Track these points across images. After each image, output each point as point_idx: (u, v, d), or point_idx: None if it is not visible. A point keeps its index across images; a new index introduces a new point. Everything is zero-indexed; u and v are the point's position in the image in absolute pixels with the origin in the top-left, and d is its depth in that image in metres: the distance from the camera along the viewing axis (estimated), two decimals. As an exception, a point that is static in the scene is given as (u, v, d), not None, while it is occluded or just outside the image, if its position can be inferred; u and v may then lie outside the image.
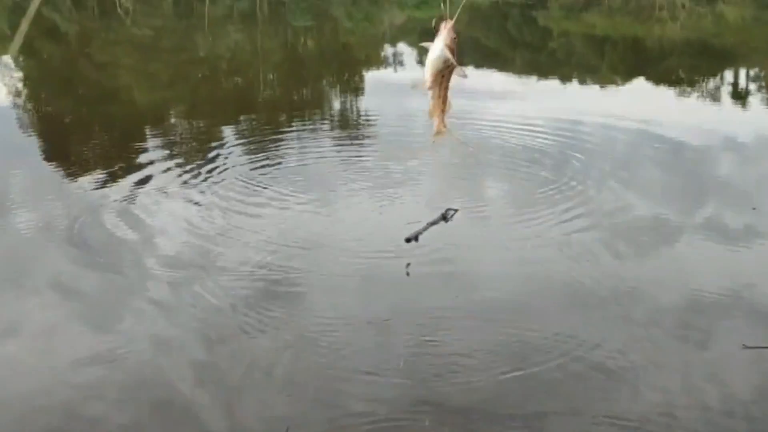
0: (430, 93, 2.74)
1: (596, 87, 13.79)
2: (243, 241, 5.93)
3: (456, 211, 6.24)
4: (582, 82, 14.31)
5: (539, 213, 6.64)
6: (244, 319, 4.69)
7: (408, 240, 5.67)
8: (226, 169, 7.82)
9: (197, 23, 23.94)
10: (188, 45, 18.98)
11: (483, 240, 6.21)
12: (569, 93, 13.01)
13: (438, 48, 2.63)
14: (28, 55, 17.45)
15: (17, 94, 12.71)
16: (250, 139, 9.23)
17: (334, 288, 5.21)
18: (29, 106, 11.88)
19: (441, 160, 8.30)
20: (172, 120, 10.71)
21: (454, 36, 2.63)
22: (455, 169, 8.00)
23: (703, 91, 13.41)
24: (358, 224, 6.41)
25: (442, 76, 2.67)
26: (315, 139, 9.42)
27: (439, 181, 7.67)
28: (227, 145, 8.90)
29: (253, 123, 10.27)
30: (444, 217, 6.13)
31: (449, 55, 2.63)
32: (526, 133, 9.29)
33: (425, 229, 5.84)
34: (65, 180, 7.55)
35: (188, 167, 7.89)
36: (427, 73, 2.69)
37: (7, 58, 16.98)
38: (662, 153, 8.59)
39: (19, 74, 15.06)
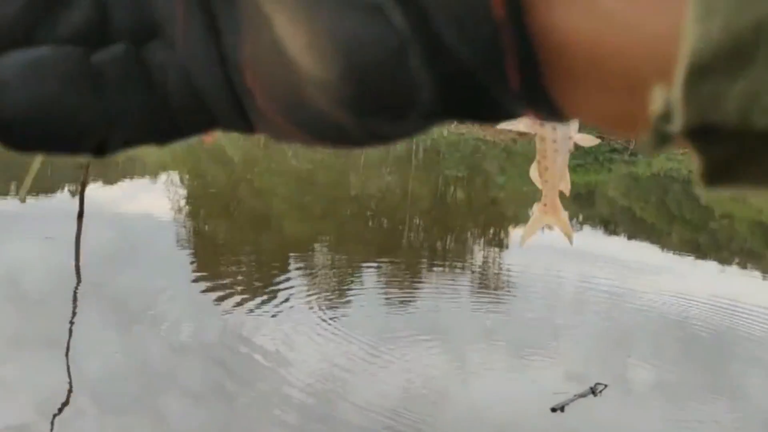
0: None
1: (759, 275, 12.91)
2: (365, 392, 5.67)
3: (606, 386, 5.82)
4: (743, 267, 13.47)
5: (693, 406, 6.08)
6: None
7: (554, 410, 5.33)
8: (360, 309, 7.69)
9: (353, 162, 24.80)
10: (342, 182, 19.59)
11: (632, 424, 5.69)
12: (729, 277, 12.23)
13: None
14: (195, 175, 18.48)
15: (179, 210, 13.31)
16: (389, 281, 9.12)
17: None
18: (188, 222, 12.39)
19: (588, 327, 7.86)
20: (317, 252, 10.82)
21: None
22: (605, 341, 7.53)
23: None
24: (497, 389, 6.02)
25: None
26: (454, 293, 9.19)
27: (585, 350, 7.21)
28: (365, 284, 8.83)
29: (394, 266, 10.19)
30: (593, 391, 5.75)
31: None
32: (682, 312, 8.69)
33: (572, 400, 5.48)
34: (208, 296, 7.67)
35: (324, 301, 7.81)
36: None
37: (174, 176, 18.02)
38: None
39: (184, 192, 15.88)
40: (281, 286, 8.23)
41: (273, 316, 7.13)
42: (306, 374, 5.81)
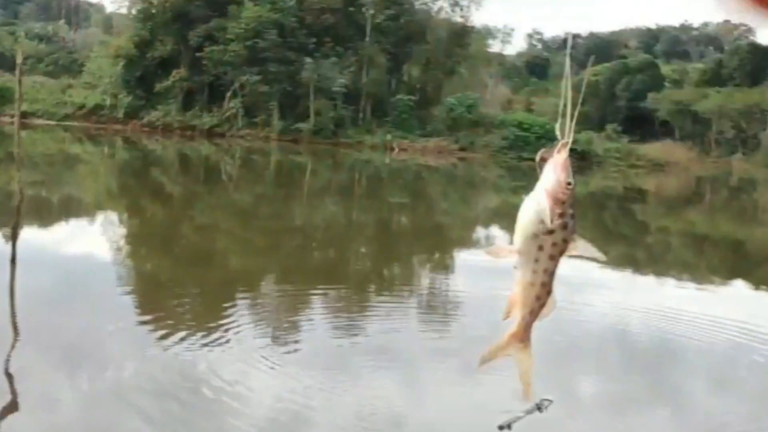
0: (516, 271, 1.63)
1: (693, 286, 13.32)
2: (320, 421, 5.70)
3: (551, 401, 5.90)
4: (678, 279, 13.88)
5: (637, 417, 6.26)
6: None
7: (501, 428, 5.37)
8: (310, 340, 7.71)
9: (296, 193, 24.84)
10: (285, 213, 19.57)
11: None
12: (665, 289, 12.60)
13: (536, 197, 1.58)
14: (133, 213, 18.27)
15: (118, 250, 13.14)
16: (337, 311, 9.16)
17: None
18: (129, 263, 12.22)
19: (533, 344, 8.00)
20: (263, 286, 10.80)
21: (568, 182, 1.57)
22: (549, 357, 7.67)
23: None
24: (446, 408, 6.11)
25: (540, 248, 1.59)
26: (402, 317, 9.27)
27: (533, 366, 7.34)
28: (313, 315, 8.85)
29: (342, 296, 10.23)
30: (538, 408, 5.81)
31: (551, 212, 1.55)
32: (621, 326, 8.94)
33: (519, 418, 5.54)
34: (155, 337, 7.53)
35: (274, 335, 7.81)
36: (516, 235, 1.61)
37: (112, 215, 17.80)
38: (755, 364, 8.04)
39: (123, 231, 15.68)
40: (229, 322, 8.19)
41: (223, 352, 7.08)
42: (260, 408, 5.79)
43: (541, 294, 1.66)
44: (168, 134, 44.90)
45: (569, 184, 1.59)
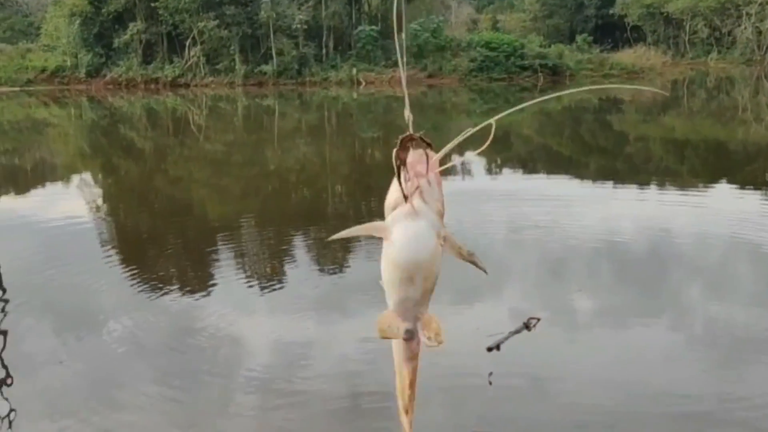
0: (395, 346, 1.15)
1: (677, 192, 13.29)
2: (321, 358, 5.67)
3: (538, 320, 5.87)
4: (661, 186, 13.83)
5: (628, 324, 6.23)
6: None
7: (489, 349, 5.33)
8: (298, 281, 7.64)
9: (267, 137, 24.52)
10: (258, 159, 19.34)
11: (568, 350, 5.80)
12: (649, 198, 12.57)
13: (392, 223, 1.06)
14: (107, 172, 17.98)
15: (97, 209, 12.95)
16: (321, 251, 9.07)
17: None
18: (108, 221, 12.05)
19: (521, 267, 7.97)
20: (244, 232, 10.65)
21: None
22: (537, 276, 7.64)
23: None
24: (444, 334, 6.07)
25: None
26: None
27: (521, 288, 7.31)
28: (297, 257, 8.75)
29: (323, 234, 10.13)
30: (526, 326, 5.77)
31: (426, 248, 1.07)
32: (610, 240, 8.90)
33: (507, 338, 5.50)
34: (144, 292, 7.45)
35: (259, 280, 7.73)
36: (386, 286, 1.11)
37: (87, 176, 17.50)
38: (756, 260, 8.05)
39: (99, 191, 15.44)
40: (215, 270, 8.12)
41: (213, 299, 7.02)
42: (261, 351, 5.74)
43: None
44: (132, 89, 44.17)
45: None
